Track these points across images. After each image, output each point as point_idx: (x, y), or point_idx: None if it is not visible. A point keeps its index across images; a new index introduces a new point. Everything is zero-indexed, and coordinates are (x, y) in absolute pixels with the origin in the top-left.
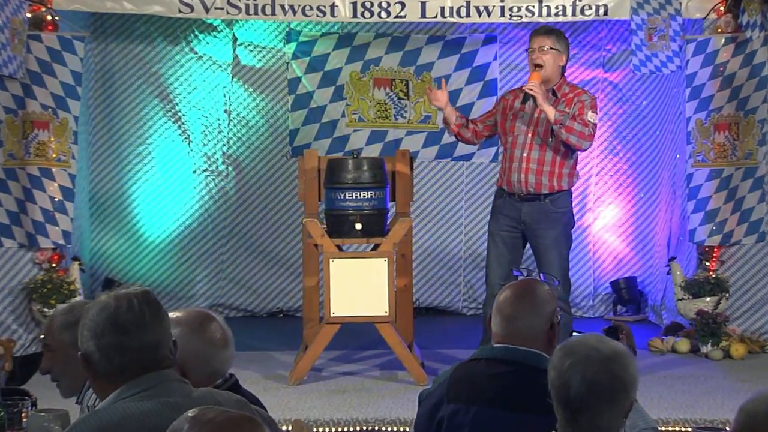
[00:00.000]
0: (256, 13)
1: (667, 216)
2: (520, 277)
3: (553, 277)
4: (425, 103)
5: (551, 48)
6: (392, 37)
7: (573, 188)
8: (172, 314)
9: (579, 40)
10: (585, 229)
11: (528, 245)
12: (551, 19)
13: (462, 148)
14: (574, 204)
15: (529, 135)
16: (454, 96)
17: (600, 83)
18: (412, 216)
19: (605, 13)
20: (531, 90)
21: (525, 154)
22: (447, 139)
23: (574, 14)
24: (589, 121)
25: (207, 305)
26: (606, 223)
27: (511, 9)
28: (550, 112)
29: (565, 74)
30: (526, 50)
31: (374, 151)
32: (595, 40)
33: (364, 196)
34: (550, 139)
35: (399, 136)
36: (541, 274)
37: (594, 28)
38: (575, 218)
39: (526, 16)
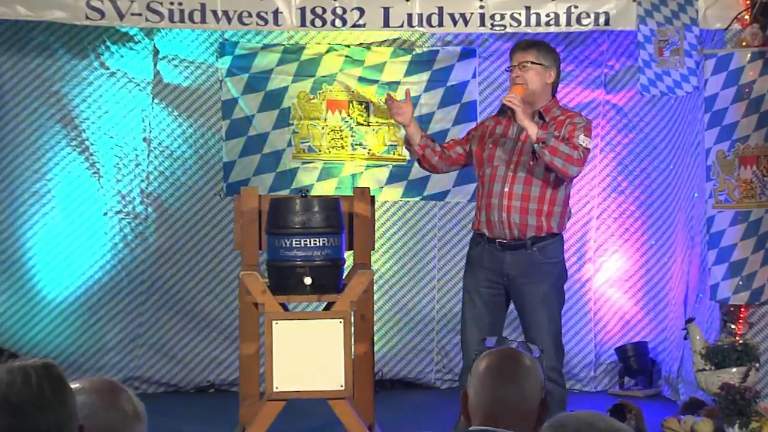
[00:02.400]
0: (182, 21)
1: (683, 268)
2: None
3: (535, 347)
4: (390, 129)
5: (534, 63)
6: (349, 49)
7: (566, 232)
8: (75, 384)
9: (575, 55)
10: (584, 284)
11: (512, 304)
12: (541, 30)
13: (434, 185)
14: (570, 253)
15: (512, 166)
16: (424, 121)
17: (601, 106)
18: (373, 268)
19: (606, 23)
20: (510, 102)
21: (506, 189)
22: (417, 173)
23: (569, 24)
24: (580, 144)
25: (120, 379)
26: (609, 277)
27: (492, 17)
28: (532, 129)
29: (557, 95)
30: (507, 69)
31: (327, 188)
32: (594, 54)
33: (315, 244)
34: (536, 171)
35: (358, 170)
36: (518, 343)
37: (593, 40)
38: (571, 270)
39: (510, 25)
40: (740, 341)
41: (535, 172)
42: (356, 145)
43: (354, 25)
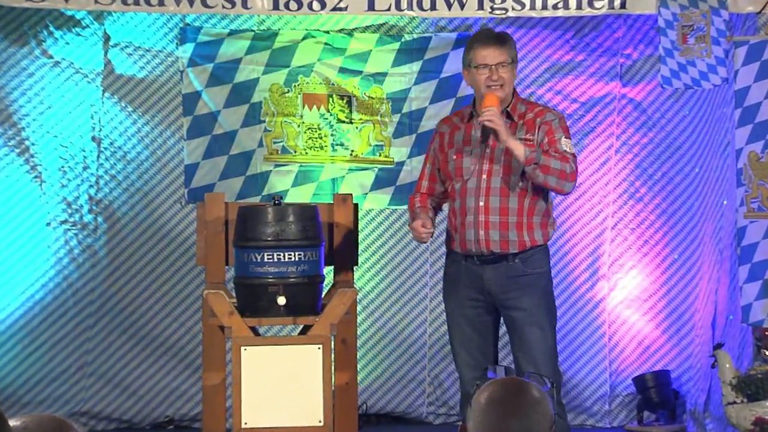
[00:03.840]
0: (137, 3)
1: (710, 286)
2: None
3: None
4: (375, 128)
5: (511, 63)
6: (329, 36)
7: (577, 246)
8: (15, 421)
9: (587, 43)
10: (597, 304)
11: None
12: (548, 14)
13: None
14: (581, 269)
15: (484, 176)
16: (414, 119)
17: (616, 101)
18: (357, 286)
19: (623, 6)
20: (490, 122)
21: (482, 203)
22: (406, 177)
23: (579, 7)
24: (566, 151)
25: (65, 413)
26: (626, 296)
27: (492, 0)
28: (519, 150)
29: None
30: (474, 67)
31: (304, 195)
32: (608, 42)
33: (290, 259)
34: (513, 179)
35: (339, 174)
36: (527, 374)
37: (607, 26)
38: (583, 289)
39: (513, 9)
40: None
41: (511, 180)
42: (337, 145)
43: (334, 9)
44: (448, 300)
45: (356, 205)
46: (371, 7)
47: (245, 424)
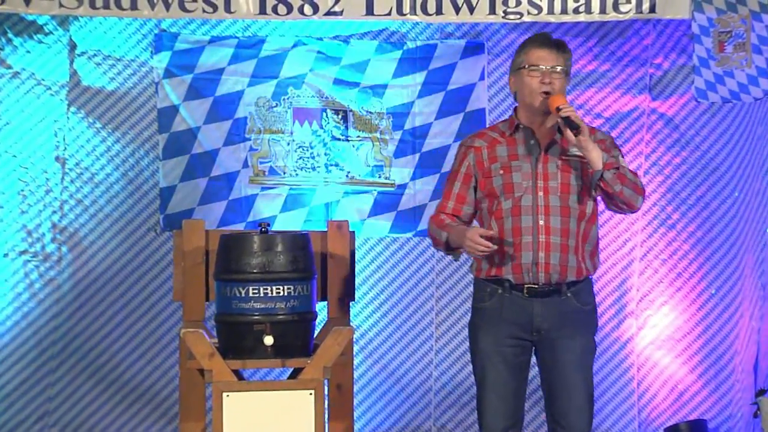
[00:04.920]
0: (106, 7)
1: (752, 325)
2: None
3: None
4: (375, 146)
5: (564, 72)
6: (322, 44)
7: (602, 278)
8: None
9: (612, 51)
10: (625, 345)
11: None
12: (568, 19)
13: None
14: (606, 305)
15: (541, 194)
16: (418, 136)
17: (645, 116)
18: (353, 323)
19: (652, 10)
20: (570, 114)
21: (541, 222)
22: (408, 202)
23: (603, 11)
24: (629, 169)
25: None
26: (657, 336)
27: (505, 3)
28: (596, 152)
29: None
30: (526, 68)
31: (294, 221)
32: (636, 50)
33: (279, 294)
34: (571, 198)
35: (333, 198)
36: None
37: (635, 32)
38: (608, 327)
39: (529, 13)
40: None
41: (570, 199)
42: (331, 165)
43: (328, 13)
44: (484, 336)
45: (353, 233)
46: (369, 11)
47: None
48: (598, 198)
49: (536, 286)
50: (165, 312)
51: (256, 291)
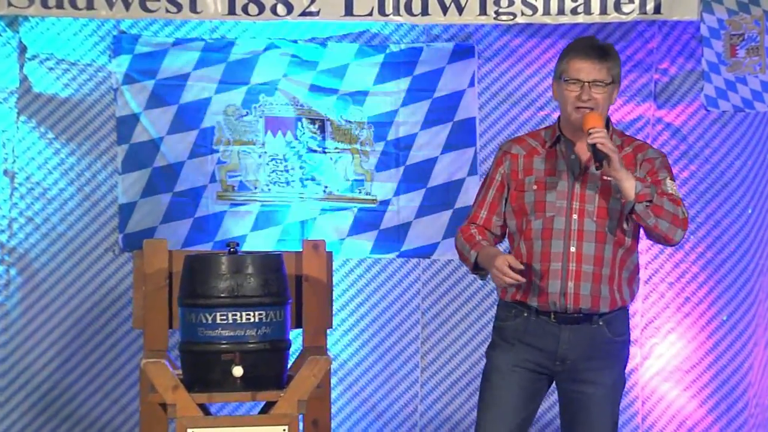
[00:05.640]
0: (60, 7)
1: (767, 354)
2: None
3: None
4: (355, 158)
5: (608, 83)
6: (297, 47)
7: None
8: None
9: None
10: (628, 376)
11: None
12: (565, 20)
13: (417, 237)
14: None
15: (575, 217)
16: (402, 147)
17: (650, 126)
18: (331, 353)
19: (657, 11)
20: (603, 145)
21: (573, 249)
22: (392, 219)
23: (604, 12)
24: (674, 194)
25: None
26: (664, 367)
27: (497, 3)
28: (629, 183)
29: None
30: (565, 80)
31: (267, 241)
32: (640, 55)
33: (249, 320)
34: (609, 223)
35: (309, 215)
36: None
37: (639, 35)
38: None
39: (523, 14)
40: None
41: (608, 224)
42: (307, 180)
43: (303, 14)
44: (501, 354)
45: (330, 254)
46: (349, 11)
47: None
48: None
49: (565, 313)
50: (124, 341)
51: (225, 317)
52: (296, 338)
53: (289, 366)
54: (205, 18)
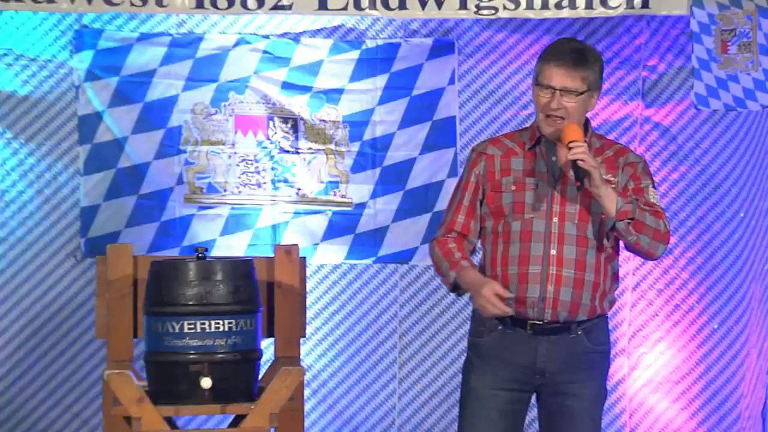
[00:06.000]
0: (19, 0)
1: (760, 364)
2: None
3: None
4: (329, 159)
5: (580, 93)
6: (269, 42)
7: None
8: None
9: (600, 51)
10: (615, 387)
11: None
12: (549, 15)
13: (395, 241)
14: None
15: (555, 220)
16: (379, 148)
17: (637, 126)
18: (304, 363)
19: (645, 5)
20: (583, 161)
21: (553, 252)
22: (368, 223)
23: (590, 6)
24: (656, 204)
25: None
26: (652, 377)
27: None
28: (611, 199)
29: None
30: (538, 84)
31: (237, 246)
32: (628, 51)
33: (218, 329)
34: (591, 227)
35: (281, 219)
36: None
37: (626, 30)
38: None
39: (505, 8)
40: None
41: (589, 229)
42: (279, 182)
43: (275, 7)
44: (478, 377)
45: (304, 260)
46: (323, 5)
47: None
48: None
49: (540, 323)
50: (86, 351)
51: (192, 326)
52: (268, 348)
53: (260, 377)
54: (171, 11)
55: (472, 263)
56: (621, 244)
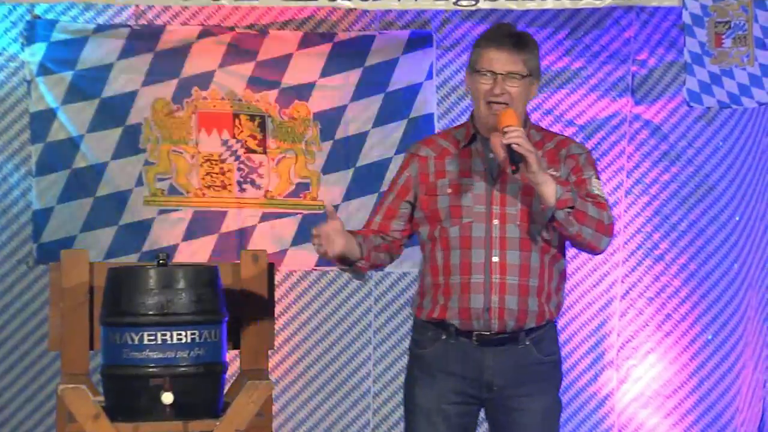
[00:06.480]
0: None
1: (756, 377)
2: None
3: None
4: (299, 159)
5: (524, 76)
6: (235, 35)
7: (575, 321)
8: None
9: (587, 45)
10: (603, 402)
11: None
12: (533, 6)
13: None
14: (580, 353)
15: (496, 222)
16: (353, 147)
17: (626, 124)
18: (273, 377)
19: None
20: (518, 145)
21: (496, 259)
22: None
23: None
24: (600, 195)
25: None
26: (643, 391)
27: None
28: (550, 187)
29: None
30: (477, 71)
31: (200, 251)
32: (616, 44)
33: (180, 341)
34: (533, 228)
35: (248, 222)
36: None
37: (614, 22)
38: (583, 380)
39: None
40: None
41: (531, 229)
42: (246, 183)
43: None
44: (423, 390)
45: (272, 266)
46: None
47: None
48: None
49: (488, 334)
50: (38, 364)
51: (153, 337)
52: (233, 361)
53: (225, 392)
54: (130, 2)
55: (355, 240)
56: (567, 242)
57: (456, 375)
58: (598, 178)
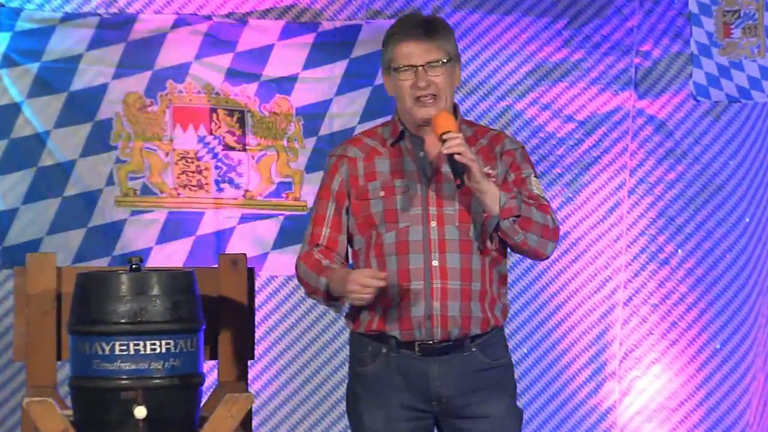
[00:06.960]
0: None
1: None
2: None
3: None
4: (281, 156)
5: (445, 62)
6: (212, 24)
7: (575, 329)
8: None
9: (587, 36)
10: (605, 415)
11: None
12: None
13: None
14: (581, 363)
15: (434, 224)
16: (338, 142)
17: (629, 120)
18: (253, 389)
19: None
20: (460, 155)
21: (435, 263)
22: None
23: None
24: (540, 196)
25: None
26: (647, 404)
27: None
28: (494, 196)
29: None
30: (395, 70)
31: (176, 255)
32: (618, 35)
33: (154, 351)
34: (473, 228)
35: (227, 224)
36: None
37: (616, 11)
38: (584, 391)
39: None
40: None
41: (472, 230)
42: (224, 182)
43: None
44: (370, 411)
45: (252, 271)
46: None
47: None
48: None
49: (431, 343)
50: (2, 375)
51: (125, 348)
52: (211, 372)
53: (202, 405)
54: None
55: (337, 264)
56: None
57: (402, 390)
58: (537, 176)
